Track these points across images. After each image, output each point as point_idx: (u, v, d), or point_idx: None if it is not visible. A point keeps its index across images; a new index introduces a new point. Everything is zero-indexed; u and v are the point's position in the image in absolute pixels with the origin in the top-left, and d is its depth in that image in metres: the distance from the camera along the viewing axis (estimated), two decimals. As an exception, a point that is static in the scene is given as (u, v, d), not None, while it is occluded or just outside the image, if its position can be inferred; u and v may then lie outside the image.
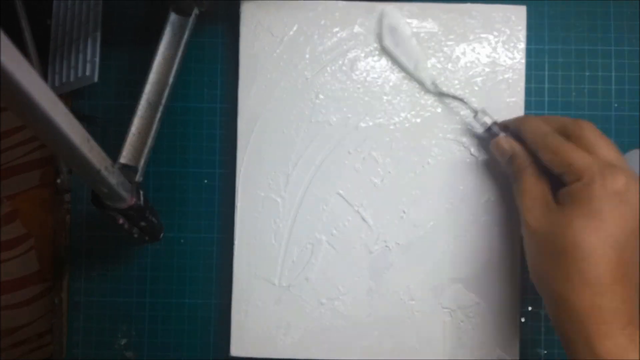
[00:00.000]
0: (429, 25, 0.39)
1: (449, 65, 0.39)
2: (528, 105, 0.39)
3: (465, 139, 0.39)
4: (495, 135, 0.36)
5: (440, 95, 0.38)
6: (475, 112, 0.37)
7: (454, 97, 0.38)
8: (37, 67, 0.39)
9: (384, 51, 0.39)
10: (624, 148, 0.40)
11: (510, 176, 0.36)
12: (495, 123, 0.37)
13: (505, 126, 0.37)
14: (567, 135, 0.33)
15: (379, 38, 0.39)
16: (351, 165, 0.39)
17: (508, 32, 0.39)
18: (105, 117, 0.41)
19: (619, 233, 0.30)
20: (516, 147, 0.35)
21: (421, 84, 0.38)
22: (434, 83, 0.38)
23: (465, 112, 0.38)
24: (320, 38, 0.39)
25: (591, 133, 0.33)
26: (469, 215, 0.38)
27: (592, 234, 0.29)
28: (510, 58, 0.39)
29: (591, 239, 0.29)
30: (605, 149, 0.32)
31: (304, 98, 0.39)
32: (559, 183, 0.32)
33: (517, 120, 0.37)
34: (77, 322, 0.41)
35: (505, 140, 0.36)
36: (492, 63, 0.39)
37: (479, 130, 0.38)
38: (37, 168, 0.56)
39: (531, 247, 0.33)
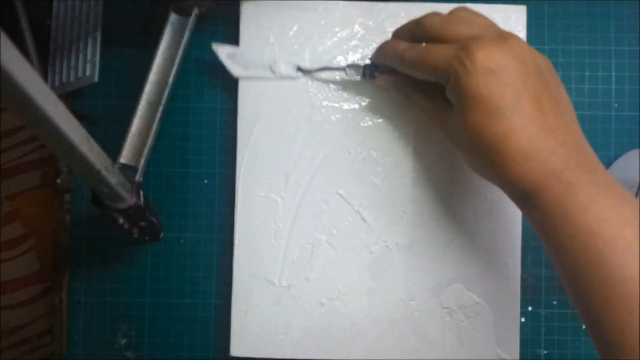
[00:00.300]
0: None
1: (449, 65, 0.39)
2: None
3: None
4: (374, 78, 0.36)
5: (311, 73, 0.38)
6: (344, 70, 0.37)
7: (321, 69, 0.38)
8: (37, 67, 0.39)
9: (240, 80, 0.38)
10: (623, 148, 0.40)
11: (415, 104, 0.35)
12: (366, 67, 0.36)
13: (376, 65, 0.36)
14: (420, 40, 0.32)
15: (230, 73, 0.38)
16: (351, 165, 0.39)
17: (508, 32, 0.39)
18: (105, 117, 0.41)
19: (518, 101, 0.28)
20: (392, 80, 0.34)
21: (290, 78, 0.38)
22: (298, 68, 0.38)
23: (340, 75, 0.38)
24: (320, 38, 0.39)
25: (434, 26, 0.31)
26: (469, 215, 0.38)
27: (496, 121, 0.28)
28: (510, 58, 0.39)
29: (497, 125, 0.28)
30: (454, 30, 0.30)
31: (303, 98, 0.39)
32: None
33: (377, 52, 0.36)
34: (77, 322, 0.41)
35: (381, 80, 0.35)
36: (492, 63, 0.39)
37: (365, 81, 0.37)
38: (37, 168, 0.56)
39: (467, 155, 0.31)
